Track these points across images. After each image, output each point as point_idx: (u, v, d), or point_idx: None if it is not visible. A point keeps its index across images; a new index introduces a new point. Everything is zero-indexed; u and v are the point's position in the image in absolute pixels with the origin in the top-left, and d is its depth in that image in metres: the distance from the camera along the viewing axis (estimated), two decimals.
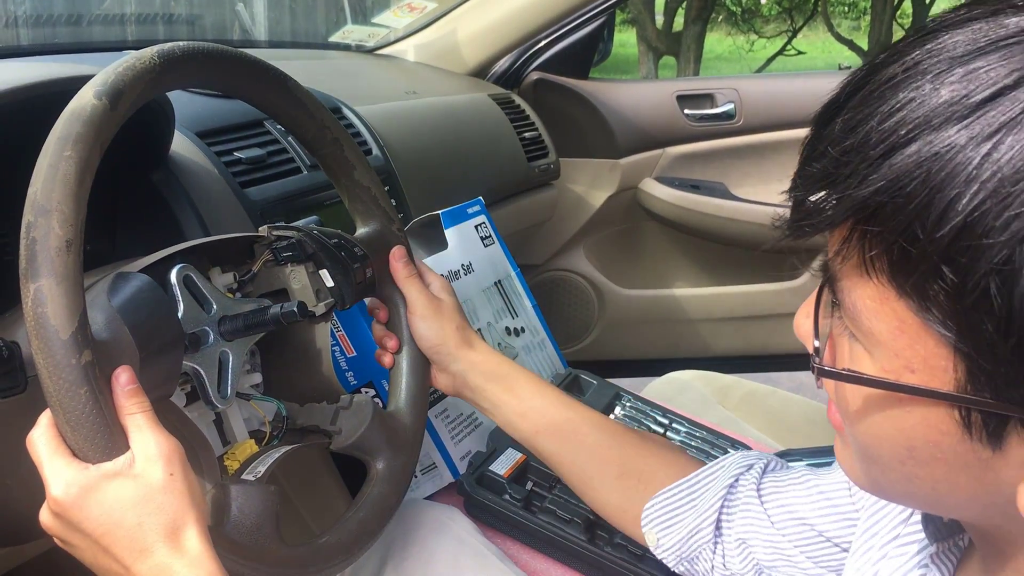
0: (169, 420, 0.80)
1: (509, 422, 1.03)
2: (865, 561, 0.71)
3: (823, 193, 0.49)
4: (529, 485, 1.17)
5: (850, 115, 0.48)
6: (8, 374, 0.76)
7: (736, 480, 0.90)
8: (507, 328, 1.49)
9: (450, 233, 1.42)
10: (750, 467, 0.91)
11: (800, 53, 13.19)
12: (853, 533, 0.77)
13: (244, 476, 0.88)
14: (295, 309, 0.87)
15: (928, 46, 0.46)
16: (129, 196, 1.11)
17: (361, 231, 1.04)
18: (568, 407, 1.02)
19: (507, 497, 1.14)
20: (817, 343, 0.56)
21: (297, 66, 1.48)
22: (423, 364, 1.06)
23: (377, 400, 1.07)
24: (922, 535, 0.65)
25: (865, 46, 11.99)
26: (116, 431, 0.70)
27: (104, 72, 0.74)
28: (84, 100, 0.71)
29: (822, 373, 0.55)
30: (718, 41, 16.36)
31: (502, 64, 2.29)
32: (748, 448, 1.36)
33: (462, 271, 1.44)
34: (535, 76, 2.33)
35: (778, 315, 2.48)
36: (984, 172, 0.42)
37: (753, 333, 2.54)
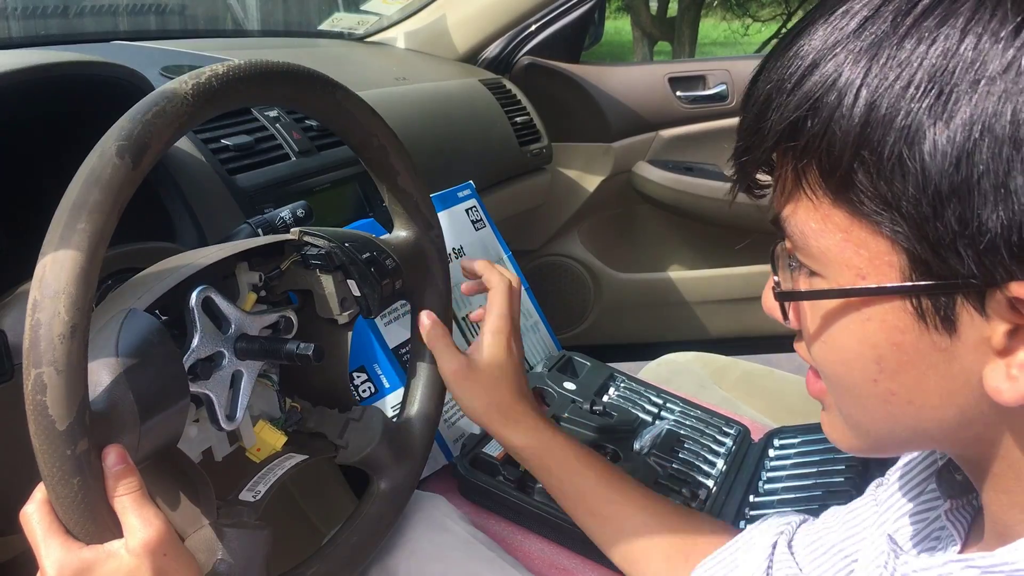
0: (170, 463, 0.80)
1: (549, 494, 1.04)
2: (879, 535, 0.71)
3: (754, 126, 0.56)
4: (523, 467, 1.17)
5: (767, 71, 0.55)
6: None
7: (776, 540, 0.88)
8: None
9: (440, 217, 1.42)
10: (789, 523, 0.90)
11: None
12: None
13: (243, 495, 0.88)
14: (310, 354, 0.86)
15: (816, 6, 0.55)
16: None
17: (399, 235, 1.04)
18: (611, 487, 1.00)
19: (501, 479, 1.15)
20: (776, 277, 0.61)
21: (288, 55, 1.48)
22: (442, 383, 1.06)
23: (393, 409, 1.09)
24: (937, 500, 0.67)
25: None
26: (108, 516, 0.70)
27: (131, 119, 0.69)
28: (105, 158, 0.66)
29: (781, 296, 0.60)
30: (713, 27, 16.32)
31: (492, 49, 2.28)
32: (742, 427, 1.37)
33: (453, 255, 1.44)
34: (526, 61, 2.32)
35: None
36: (879, 63, 0.49)
37: (750, 315, 2.53)
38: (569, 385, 1.41)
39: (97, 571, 0.70)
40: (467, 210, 1.54)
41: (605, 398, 1.41)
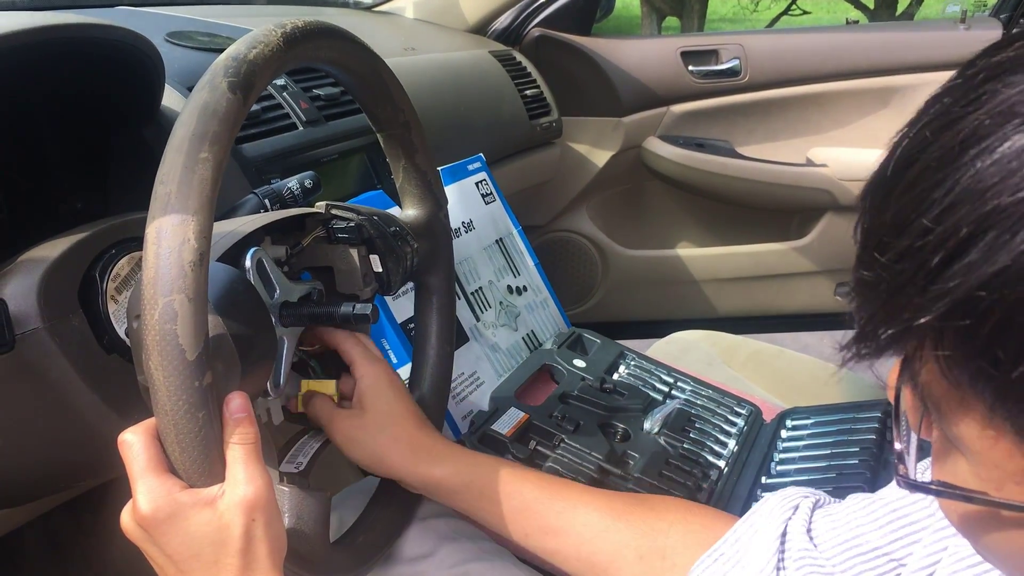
0: None
1: (491, 526, 0.93)
2: (937, 537, 0.65)
3: (880, 309, 0.40)
4: (532, 444, 1.17)
5: (902, 202, 0.39)
6: None
7: (786, 527, 0.79)
8: (509, 287, 1.49)
9: (450, 190, 1.42)
10: (796, 508, 0.80)
11: (805, 13, 13.12)
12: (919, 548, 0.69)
13: (284, 466, 0.88)
14: (368, 313, 0.85)
15: (988, 107, 0.38)
16: (121, 152, 1.10)
17: (409, 213, 1.04)
18: (556, 495, 0.91)
19: (510, 457, 1.13)
20: (899, 445, 0.45)
21: None
22: (449, 354, 1.07)
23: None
24: None
25: (871, 4, 11.89)
26: (218, 461, 0.70)
27: (234, 59, 0.70)
28: (219, 93, 0.67)
29: (907, 485, 0.45)
30: (722, 2, 16.27)
31: (502, 20, 2.25)
32: (754, 407, 1.35)
33: (462, 228, 1.44)
34: (536, 33, 2.30)
35: (784, 275, 2.43)
36: None
37: (759, 293, 2.50)
38: (579, 362, 1.40)
39: (189, 519, 0.69)
40: (477, 183, 1.53)
41: (615, 376, 1.40)
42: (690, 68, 2.40)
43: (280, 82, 1.33)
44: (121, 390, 0.81)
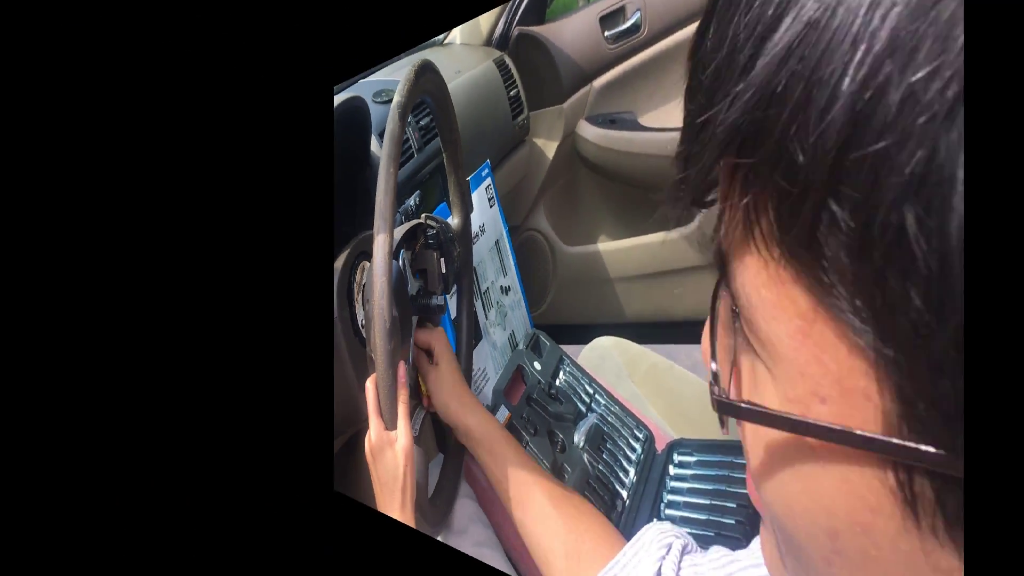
0: None
1: (491, 483, 1.07)
2: None
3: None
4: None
5: (717, 22, 0.31)
6: None
7: (660, 567, 0.79)
8: (501, 287, 1.57)
9: (473, 197, 1.50)
10: (668, 548, 0.81)
11: None
12: None
13: None
14: (443, 303, 1.04)
15: None
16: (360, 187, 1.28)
17: (454, 221, 1.21)
18: (523, 467, 1.03)
19: None
20: (715, 365, 0.36)
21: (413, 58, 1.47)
22: (470, 349, 1.25)
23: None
24: None
25: None
26: (395, 412, 0.88)
27: (400, 95, 0.87)
28: (395, 123, 0.84)
29: (721, 407, 0.35)
30: None
31: (498, 28, 2.19)
32: (649, 432, 1.37)
33: (479, 232, 1.50)
34: (516, 32, 2.20)
35: (676, 271, 2.13)
36: (874, 22, 0.25)
37: (655, 294, 2.19)
38: (537, 365, 1.42)
39: (384, 455, 0.88)
40: (485, 188, 1.56)
41: (558, 382, 1.43)
42: (606, 34, 2.19)
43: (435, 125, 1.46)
44: (360, 366, 0.99)
